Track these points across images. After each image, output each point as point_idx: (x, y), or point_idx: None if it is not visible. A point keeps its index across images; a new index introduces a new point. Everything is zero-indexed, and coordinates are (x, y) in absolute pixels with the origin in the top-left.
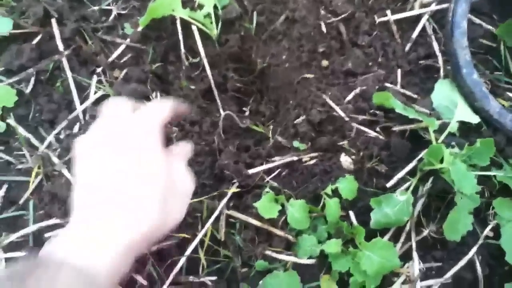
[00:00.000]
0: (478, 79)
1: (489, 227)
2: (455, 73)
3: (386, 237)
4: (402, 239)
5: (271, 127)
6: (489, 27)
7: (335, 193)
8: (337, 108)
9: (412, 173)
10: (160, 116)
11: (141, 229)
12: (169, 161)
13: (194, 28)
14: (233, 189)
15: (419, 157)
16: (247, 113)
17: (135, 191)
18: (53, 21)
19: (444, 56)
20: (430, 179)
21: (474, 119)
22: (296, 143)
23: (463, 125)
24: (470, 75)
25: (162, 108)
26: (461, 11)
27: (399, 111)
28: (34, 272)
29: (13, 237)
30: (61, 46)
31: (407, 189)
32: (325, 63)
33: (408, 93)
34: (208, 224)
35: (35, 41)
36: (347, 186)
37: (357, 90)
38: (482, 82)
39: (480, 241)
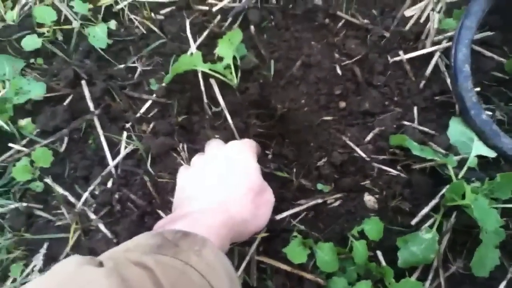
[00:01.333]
0: (487, 119)
1: None
2: (464, 115)
3: (415, 275)
4: (430, 277)
5: (295, 169)
6: (501, 59)
7: (362, 234)
8: (357, 149)
9: (435, 209)
10: (253, 145)
11: (236, 217)
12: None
13: (213, 81)
14: (262, 234)
15: (441, 193)
16: (270, 156)
17: (234, 190)
18: (83, 82)
19: None
20: (454, 214)
21: (492, 153)
22: (320, 186)
23: (482, 158)
24: (478, 116)
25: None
26: (462, 56)
27: (416, 153)
28: (186, 239)
29: None
30: (91, 106)
31: (431, 226)
32: (342, 104)
33: (426, 129)
34: (240, 271)
35: (67, 102)
36: (373, 227)
37: (376, 130)
38: (491, 121)
39: (509, 275)
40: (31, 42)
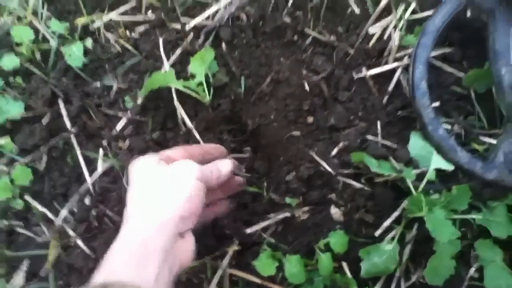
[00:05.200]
0: (444, 134)
1: (473, 269)
2: (422, 130)
3: (378, 284)
4: (392, 287)
5: (265, 184)
6: (461, 74)
7: (328, 246)
8: (323, 164)
9: (398, 220)
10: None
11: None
12: (165, 168)
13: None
14: (234, 247)
15: (402, 205)
16: (243, 171)
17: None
18: (60, 101)
19: None
20: (415, 226)
21: (450, 166)
22: (288, 199)
23: (441, 171)
24: (435, 131)
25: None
26: (419, 73)
27: (374, 169)
28: None
29: None
30: (68, 124)
31: (394, 237)
32: (310, 119)
33: (388, 143)
34: (213, 284)
35: (44, 121)
36: (338, 240)
37: (341, 145)
38: (448, 136)
39: (466, 283)
40: (9, 62)
